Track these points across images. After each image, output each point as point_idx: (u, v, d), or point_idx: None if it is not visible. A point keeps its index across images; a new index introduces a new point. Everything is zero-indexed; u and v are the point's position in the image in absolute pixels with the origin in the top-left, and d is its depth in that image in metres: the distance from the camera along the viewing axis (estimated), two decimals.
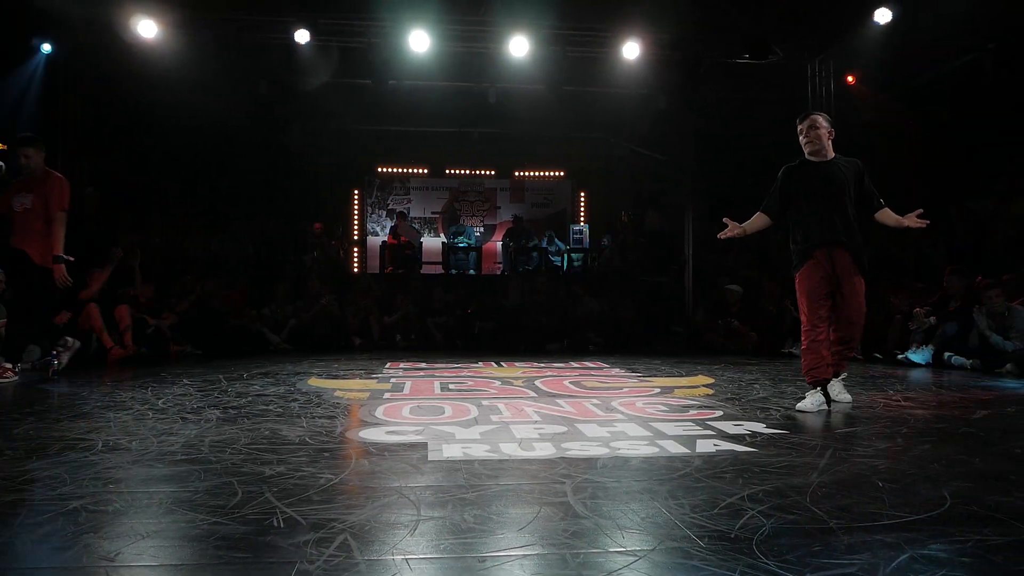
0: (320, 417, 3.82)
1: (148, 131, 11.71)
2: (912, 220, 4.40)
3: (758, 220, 4.75)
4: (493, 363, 7.10)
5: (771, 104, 13.74)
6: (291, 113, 14.12)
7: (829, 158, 4.53)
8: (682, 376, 5.92)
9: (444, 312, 10.22)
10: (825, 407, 4.16)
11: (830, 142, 4.56)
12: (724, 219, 4.76)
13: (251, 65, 11.80)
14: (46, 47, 10.40)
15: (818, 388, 4.24)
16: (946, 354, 6.93)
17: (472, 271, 12.14)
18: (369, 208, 15.84)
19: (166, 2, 10.07)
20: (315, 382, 5.42)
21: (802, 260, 4.40)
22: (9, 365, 5.49)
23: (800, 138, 4.61)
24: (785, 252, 4.67)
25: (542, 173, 16.03)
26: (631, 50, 10.91)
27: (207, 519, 2.05)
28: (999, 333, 6.52)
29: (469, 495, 2.32)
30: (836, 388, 4.42)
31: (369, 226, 15.71)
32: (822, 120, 4.58)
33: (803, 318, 4.39)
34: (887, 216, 4.53)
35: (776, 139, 13.82)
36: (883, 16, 9.94)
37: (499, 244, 14.51)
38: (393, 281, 11.38)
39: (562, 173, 16.09)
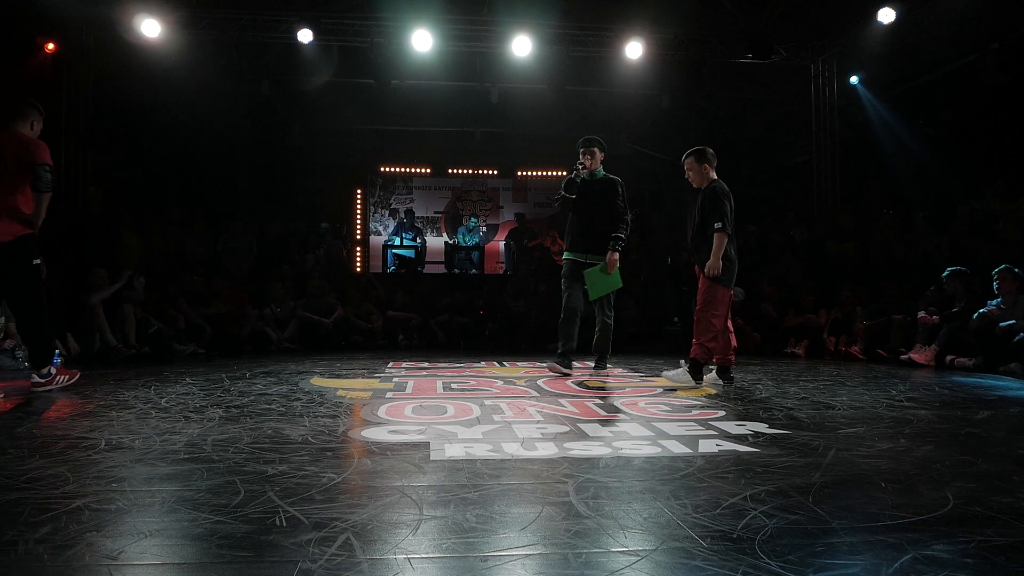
0: (322, 416, 3.83)
1: (151, 130, 11.74)
2: None
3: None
4: (495, 363, 7.10)
5: (774, 104, 13.75)
6: (293, 112, 14.14)
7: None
8: None
9: (447, 311, 10.23)
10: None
11: (696, 175, 5.37)
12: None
13: (254, 64, 11.84)
14: (50, 46, 10.42)
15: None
16: (948, 357, 6.92)
17: (475, 271, 12.14)
18: (372, 207, 15.85)
19: (169, 1, 10.09)
20: (317, 381, 5.43)
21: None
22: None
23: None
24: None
25: (545, 173, 16.03)
26: (634, 50, 10.90)
27: (210, 518, 2.05)
28: (1003, 320, 6.53)
29: (471, 495, 2.32)
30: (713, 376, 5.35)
31: (372, 225, 15.72)
32: (690, 162, 5.38)
33: (721, 324, 5.18)
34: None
35: (779, 139, 13.90)
36: (886, 16, 9.93)
37: (502, 244, 14.51)
38: (395, 280, 11.40)
39: (565, 173, 16.05)
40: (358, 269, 14.08)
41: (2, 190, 4.51)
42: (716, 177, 5.34)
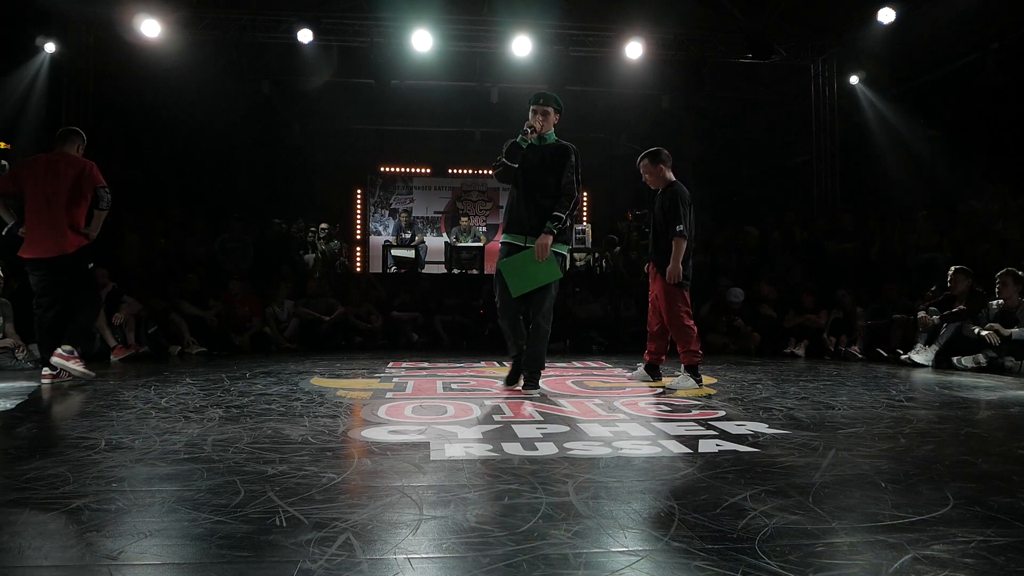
0: (322, 416, 3.83)
1: (151, 130, 11.76)
2: None
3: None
4: (495, 363, 7.10)
5: (774, 104, 13.76)
6: (293, 112, 14.16)
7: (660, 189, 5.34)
8: None
9: (451, 312, 10.23)
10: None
11: (652, 176, 5.34)
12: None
13: (254, 64, 11.85)
14: (50, 46, 10.42)
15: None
16: (952, 357, 6.92)
17: (475, 271, 12.14)
18: (372, 207, 15.86)
19: (169, 1, 10.10)
20: (317, 381, 5.43)
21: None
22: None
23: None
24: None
25: None
26: (634, 50, 10.91)
27: (210, 518, 2.05)
28: (1007, 325, 6.54)
29: (471, 495, 2.32)
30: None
31: (372, 225, 15.73)
32: (645, 164, 5.35)
33: (691, 321, 5.20)
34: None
35: (779, 139, 13.91)
36: (886, 16, 9.94)
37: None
38: (395, 280, 11.40)
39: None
40: (358, 269, 14.08)
41: (66, 207, 5.20)
42: (674, 178, 5.29)
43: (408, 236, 13.49)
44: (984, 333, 6.64)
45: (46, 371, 5.18)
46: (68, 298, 5.32)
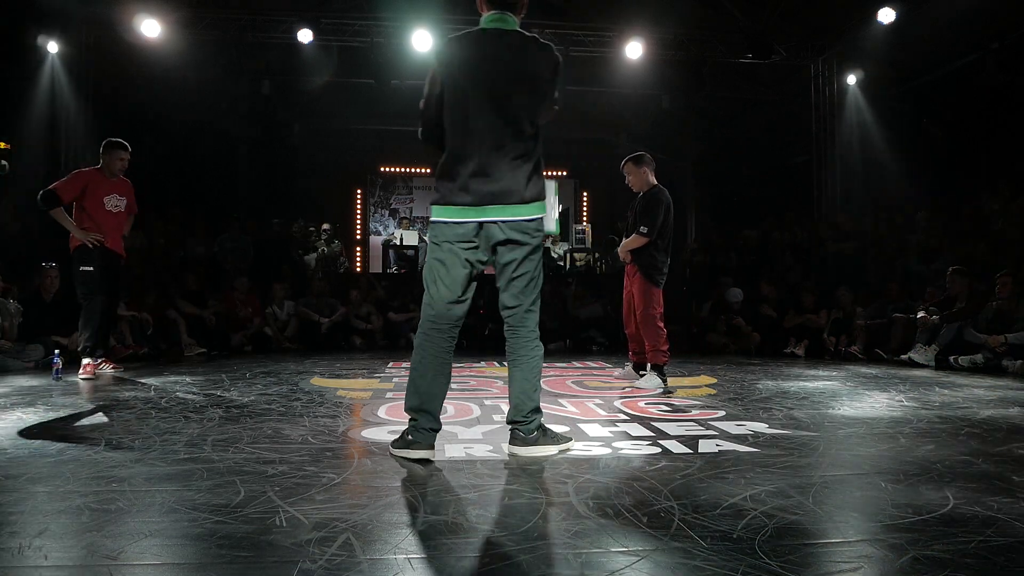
0: (322, 416, 3.83)
1: (150, 130, 11.73)
2: None
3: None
4: (495, 363, 7.10)
5: (774, 104, 13.75)
6: (294, 112, 14.14)
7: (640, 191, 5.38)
8: (684, 376, 5.92)
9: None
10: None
11: (635, 179, 5.38)
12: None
13: (254, 64, 11.83)
14: (51, 46, 10.41)
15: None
16: (950, 357, 6.92)
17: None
18: (372, 207, 15.86)
19: (169, 1, 10.09)
20: (317, 381, 5.43)
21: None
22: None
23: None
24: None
25: (544, 173, 15.99)
26: (634, 50, 10.90)
27: (209, 518, 2.06)
28: (1004, 325, 6.53)
29: (471, 495, 2.32)
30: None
31: (372, 225, 15.72)
32: (629, 166, 5.40)
33: (662, 322, 5.20)
34: None
35: (779, 139, 13.90)
36: (886, 16, 9.93)
37: None
38: (395, 280, 11.39)
39: (564, 173, 16.07)
40: (358, 269, 14.07)
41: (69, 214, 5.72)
42: (656, 182, 5.38)
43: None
44: (987, 338, 6.64)
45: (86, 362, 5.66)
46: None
